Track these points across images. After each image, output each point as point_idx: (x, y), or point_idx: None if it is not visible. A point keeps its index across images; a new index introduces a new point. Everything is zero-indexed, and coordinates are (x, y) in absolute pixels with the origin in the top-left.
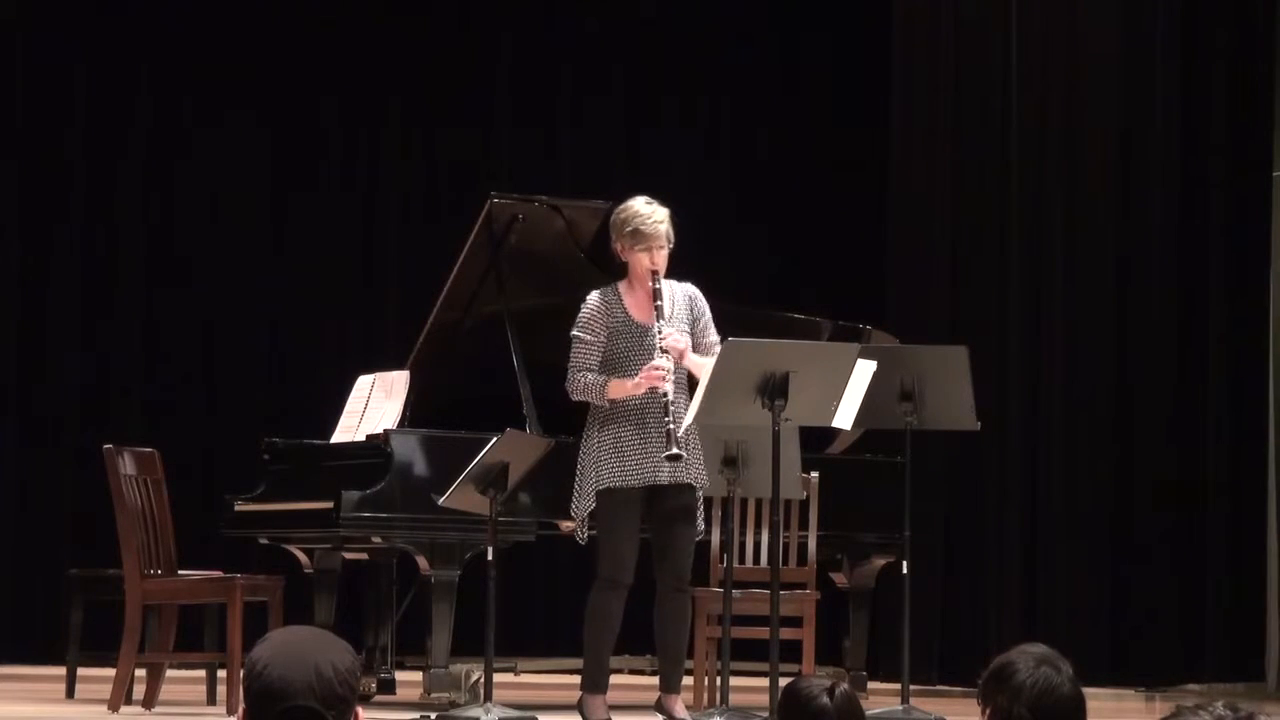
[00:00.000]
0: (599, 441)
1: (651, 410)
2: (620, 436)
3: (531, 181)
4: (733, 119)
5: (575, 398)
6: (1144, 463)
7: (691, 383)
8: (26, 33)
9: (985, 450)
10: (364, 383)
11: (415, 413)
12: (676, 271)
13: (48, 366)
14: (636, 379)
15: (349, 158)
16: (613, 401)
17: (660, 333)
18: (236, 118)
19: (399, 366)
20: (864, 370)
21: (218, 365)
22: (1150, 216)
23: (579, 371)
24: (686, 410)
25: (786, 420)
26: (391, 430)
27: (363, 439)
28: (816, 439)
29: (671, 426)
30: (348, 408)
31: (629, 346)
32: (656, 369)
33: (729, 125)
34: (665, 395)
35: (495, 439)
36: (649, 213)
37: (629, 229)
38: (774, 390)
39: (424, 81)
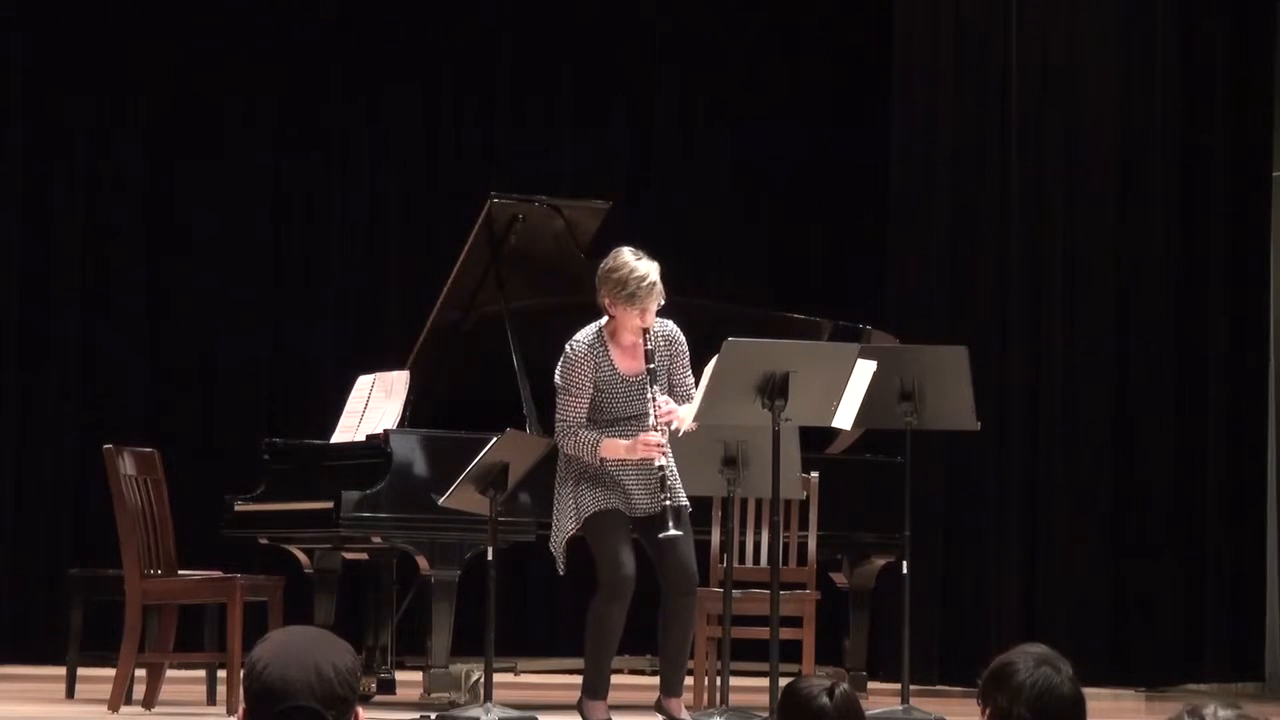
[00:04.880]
0: (579, 473)
1: (633, 461)
2: (601, 475)
3: (531, 181)
4: (733, 119)
5: (567, 452)
6: (1144, 462)
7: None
8: (25, 31)
9: (985, 450)
10: (364, 383)
11: (415, 413)
12: (678, 273)
13: (47, 366)
14: (632, 444)
15: (349, 157)
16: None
17: (655, 401)
18: (237, 118)
19: (399, 366)
20: (864, 370)
21: (218, 365)
22: (1150, 216)
23: (571, 428)
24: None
25: (786, 420)
26: (391, 430)
27: (363, 439)
28: (816, 439)
29: (668, 504)
30: (348, 408)
31: (618, 400)
32: (657, 446)
33: (729, 125)
34: (662, 469)
35: (495, 439)
36: (644, 272)
37: (625, 291)
38: (774, 390)
39: (424, 81)
